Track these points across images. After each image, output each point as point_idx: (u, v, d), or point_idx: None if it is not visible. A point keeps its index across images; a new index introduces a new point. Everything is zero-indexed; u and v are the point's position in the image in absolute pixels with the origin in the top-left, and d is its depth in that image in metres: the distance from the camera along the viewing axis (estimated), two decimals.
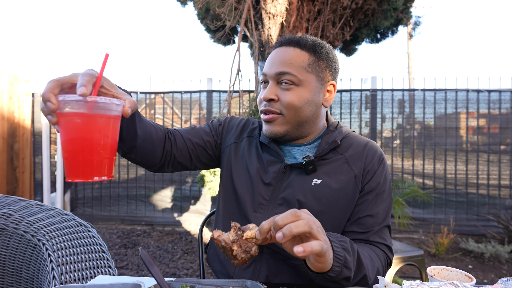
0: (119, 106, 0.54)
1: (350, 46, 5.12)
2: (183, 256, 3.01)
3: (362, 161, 0.80)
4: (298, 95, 0.76)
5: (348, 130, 0.87)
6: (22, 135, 4.00)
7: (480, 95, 3.72)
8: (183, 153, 0.86)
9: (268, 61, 0.81)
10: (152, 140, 0.78)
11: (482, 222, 3.61)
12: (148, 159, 0.80)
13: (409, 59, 15.83)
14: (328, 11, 3.83)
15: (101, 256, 0.81)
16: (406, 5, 4.46)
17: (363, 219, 0.76)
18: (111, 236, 3.57)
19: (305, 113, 0.78)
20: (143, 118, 0.76)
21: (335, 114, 3.95)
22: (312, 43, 0.79)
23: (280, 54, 0.78)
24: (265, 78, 0.81)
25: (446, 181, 3.78)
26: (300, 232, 0.49)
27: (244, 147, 0.88)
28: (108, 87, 0.56)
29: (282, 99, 0.76)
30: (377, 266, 0.70)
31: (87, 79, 0.50)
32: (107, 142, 0.54)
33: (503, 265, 2.84)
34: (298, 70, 0.76)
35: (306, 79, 0.77)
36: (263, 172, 0.82)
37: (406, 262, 1.94)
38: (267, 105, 0.78)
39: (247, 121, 0.95)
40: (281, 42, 0.81)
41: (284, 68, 0.76)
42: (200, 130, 0.91)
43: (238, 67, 3.49)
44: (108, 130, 0.53)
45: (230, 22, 3.84)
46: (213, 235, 0.56)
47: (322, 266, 0.54)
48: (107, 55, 0.55)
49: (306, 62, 0.77)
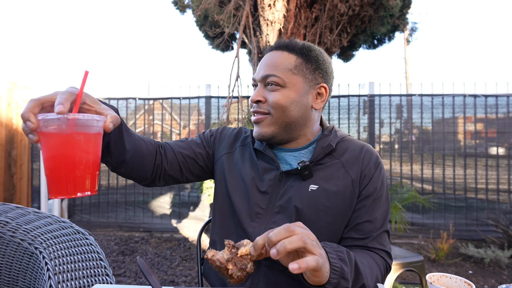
0: (100, 122, 0.54)
1: (347, 52, 5.17)
2: (181, 263, 2.98)
3: (358, 166, 0.79)
4: (284, 95, 0.78)
5: (344, 134, 0.86)
6: (20, 142, 3.99)
7: (477, 100, 3.75)
8: (173, 166, 0.86)
9: (258, 66, 0.84)
10: (142, 154, 0.78)
11: (482, 227, 3.60)
12: (139, 173, 0.80)
13: (406, 64, 15.96)
14: (325, 18, 3.87)
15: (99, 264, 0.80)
16: (403, 12, 4.51)
17: (361, 225, 0.76)
18: (109, 243, 3.54)
19: (292, 114, 0.79)
20: (131, 132, 0.76)
21: (333, 119, 3.96)
22: (300, 46, 0.81)
23: (268, 58, 0.81)
24: (255, 82, 0.83)
25: (445, 186, 3.78)
26: (294, 248, 0.49)
27: (237, 157, 0.88)
28: (91, 103, 0.56)
29: (269, 99, 0.79)
30: (376, 273, 0.69)
31: (65, 97, 0.50)
32: (89, 158, 0.53)
33: (503, 270, 2.83)
34: (283, 72, 0.78)
35: (291, 80, 0.78)
36: (259, 181, 0.82)
37: (406, 268, 1.93)
38: (255, 106, 0.81)
39: (240, 130, 0.95)
40: (271, 47, 0.84)
41: (270, 71, 0.79)
42: (191, 142, 0.91)
43: (237, 73, 3.51)
44: (89, 146, 0.53)
45: (228, 28, 3.88)
46: (207, 255, 0.55)
47: (318, 280, 0.54)
48: (86, 72, 0.55)
49: (293, 64, 0.79)
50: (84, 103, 0.55)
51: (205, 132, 0.95)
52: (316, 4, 3.91)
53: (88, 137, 0.53)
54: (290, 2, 3.59)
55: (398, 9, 4.11)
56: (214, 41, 4.95)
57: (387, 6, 3.97)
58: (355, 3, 3.79)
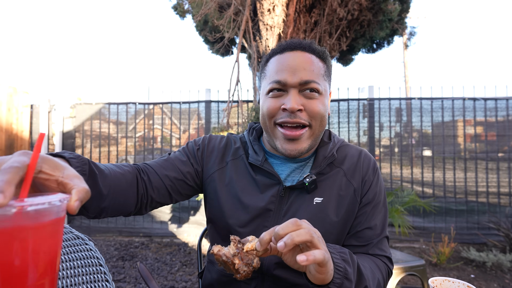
0: (62, 205, 0.38)
1: (346, 56, 5.19)
2: (181, 268, 2.96)
3: (359, 173, 0.78)
4: (322, 103, 0.72)
5: (340, 139, 0.84)
6: (20, 147, 3.99)
7: (477, 103, 3.76)
8: (161, 192, 0.76)
9: (282, 66, 0.72)
10: (123, 190, 0.68)
11: (483, 230, 3.59)
12: (122, 210, 0.70)
13: (405, 68, 16.02)
14: (324, 22, 3.90)
15: (99, 270, 0.80)
16: (401, 16, 4.54)
17: (361, 232, 0.75)
18: (108, 248, 3.52)
19: (325, 123, 0.75)
20: (106, 173, 0.64)
21: (333, 123, 3.96)
22: (322, 51, 0.76)
23: (299, 60, 0.72)
24: (281, 86, 0.72)
25: (446, 189, 3.77)
26: (302, 241, 0.49)
27: (231, 173, 0.79)
28: (50, 171, 0.41)
29: (309, 109, 0.71)
30: (378, 277, 0.69)
31: (7, 178, 0.34)
32: (46, 259, 0.38)
33: (505, 274, 2.81)
34: (320, 77, 0.73)
35: (325, 87, 0.74)
36: (260, 198, 0.75)
37: (407, 272, 1.91)
38: (292, 116, 0.70)
39: (228, 141, 0.85)
40: (294, 46, 0.74)
41: (310, 76, 0.71)
42: (175, 160, 0.80)
43: (237, 77, 3.52)
44: (44, 243, 0.37)
45: (228, 33, 3.90)
46: (212, 250, 0.55)
47: (323, 277, 0.53)
48: (42, 135, 0.43)
49: (323, 70, 0.74)
50: (41, 172, 0.40)
51: (189, 145, 0.84)
52: (315, 8, 3.94)
53: (42, 231, 0.37)
54: (290, 7, 3.62)
55: (397, 13, 4.14)
56: (214, 46, 4.97)
57: (386, 10, 4.00)
58: (354, 7, 3.81)
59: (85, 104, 4.16)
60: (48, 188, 0.42)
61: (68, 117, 4.13)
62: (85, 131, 4.19)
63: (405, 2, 4.45)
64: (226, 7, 4.16)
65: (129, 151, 4.22)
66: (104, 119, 4.22)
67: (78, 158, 0.57)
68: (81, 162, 0.58)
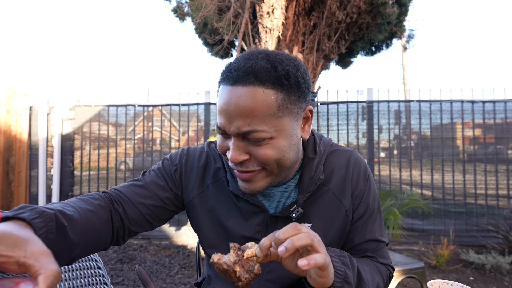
0: None
1: (345, 59, 5.21)
2: (180, 271, 2.95)
3: (349, 188, 0.72)
4: (274, 147, 0.60)
5: (326, 144, 0.75)
6: (18, 149, 3.98)
7: (475, 106, 3.77)
8: (138, 222, 0.70)
9: (220, 108, 0.60)
10: (96, 231, 0.61)
11: (482, 232, 3.59)
12: (98, 249, 0.64)
13: (404, 70, 16.09)
14: (323, 25, 3.92)
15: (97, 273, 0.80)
16: (399, 19, 4.57)
17: (358, 246, 0.74)
18: (107, 251, 3.51)
19: (289, 160, 0.63)
20: (75, 218, 0.56)
21: (332, 125, 3.97)
22: (275, 72, 0.57)
23: (236, 103, 0.57)
24: (222, 132, 0.62)
25: (445, 191, 3.78)
26: (302, 245, 0.49)
27: (212, 198, 0.73)
28: (7, 252, 0.34)
29: (257, 156, 0.60)
30: (377, 280, 0.69)
31: None
32: None
33: (504, 276, 2.81)
34: (266, 120, 0.58)
35: (278, 127, 0.59)
36: (246, 227, 0.70)
37: (407, 274, 1.91)
38: (238, 166, 0.61)
39: (207, 158, 0.76)
40: (235, 79, 0.58)
41: (248, 125, 0.57)
42: (152, 185, 0.72)
43: None
44: None
45: (228, 36, 3.91)
46: (213, 259, 0.54)
47: (324, 281, 0.53)
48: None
49: (275, 106, 0.58)
50: None
51: (165, 165, 0.75)
52: (314, 11, 3.96)
53: None
54: (289, 10, 3.64)
55: (395, 16, 4.16)
56: (213, 48, 4.98)
57: (384, 13, 4.02)
58: (353, 10, 3.83)
59: (84, 106, 4.16)
60: (7, 270, 0.34)
61: (67, 119, 4.13)
62: (84, 133, 4.18)
63: (404, 5, 4.48)
64: (226, 9, 4.18)
65: (128, 153, 4.22)
66: (103, 121, 4.22)
67: (42, 215, 0.48)
68: (46, 220, 0.49)
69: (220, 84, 0.63)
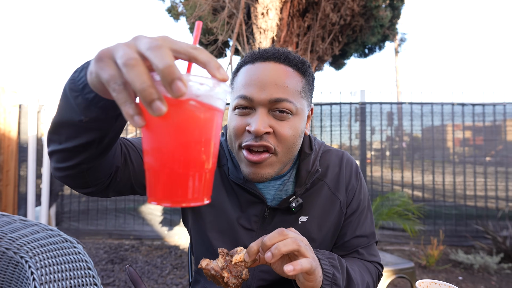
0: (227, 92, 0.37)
1: (339, 61, 5.25)
2: (172, 271, 2.93)
3: (343, 184, 0.74)
4: (293, 126, 0.62)
5: (320, 144, 0.79)
6: (7, 147, 3.90)
7: (465, 108, 3.84)
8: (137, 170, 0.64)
9: (250, 80, 0.62)
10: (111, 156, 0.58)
11: (471, 233, 3.66)
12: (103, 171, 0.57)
13: (396, 73, 16.28)
14: (317, 27, 3.94)
15: (87, 274, 0.79)
16: (392, 22, 4.63)
17: (349, 242, 0.75)
18: (97, 251, 3.46)
19: (296, 148, 0.66)
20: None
21: (326, 126, 4.00)
22: (301, 61, 0.66)
23: (271, 73, 0.61)
24: (248, 103, 0.62)
25: (435, 192, 3.83)
26: (288, 250, 0.49)
27: (215, 185, 0.73)
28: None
29: (278, 132, 0.61)
30: (367, 280, 0.70)
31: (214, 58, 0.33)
32: (216, 147, 0.38)
33: (492, 276, 2.87)
34: (294, 95, 0.62)
35: (301, 106, 0.64)
36: (244, 217, 0.71)
37: (397, 274, 1.94)
38: (258, 139, 0.60)
39: None
40: (267, 56, 0.63)
41: (282, 93, 0.60)
42: None
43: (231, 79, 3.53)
44: (219, 129, 0.38)
45: (222, 36, 3.91)
46: (201, 265, 0.55)
47: (312, 285, 0.54)
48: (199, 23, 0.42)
49: (301, 86, 0.64)
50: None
51: None
52: (308, 13, 3.98)
53: (220, 118, 0.38)
54: (283, 11, 3.65)
55: (388, 19, 4.21)
56: (207, 48, 4.97)
57: (378, 16, 4.07)
58: (347, 13, 3.87)
59: None
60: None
61: None
62: None
63: (396, 8, 4.54)
64: (220, 9, 4.17)
65: None
66: None
67: None
68: None
69: (242, 66, 0.66)
